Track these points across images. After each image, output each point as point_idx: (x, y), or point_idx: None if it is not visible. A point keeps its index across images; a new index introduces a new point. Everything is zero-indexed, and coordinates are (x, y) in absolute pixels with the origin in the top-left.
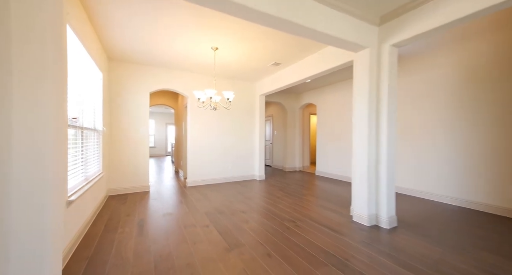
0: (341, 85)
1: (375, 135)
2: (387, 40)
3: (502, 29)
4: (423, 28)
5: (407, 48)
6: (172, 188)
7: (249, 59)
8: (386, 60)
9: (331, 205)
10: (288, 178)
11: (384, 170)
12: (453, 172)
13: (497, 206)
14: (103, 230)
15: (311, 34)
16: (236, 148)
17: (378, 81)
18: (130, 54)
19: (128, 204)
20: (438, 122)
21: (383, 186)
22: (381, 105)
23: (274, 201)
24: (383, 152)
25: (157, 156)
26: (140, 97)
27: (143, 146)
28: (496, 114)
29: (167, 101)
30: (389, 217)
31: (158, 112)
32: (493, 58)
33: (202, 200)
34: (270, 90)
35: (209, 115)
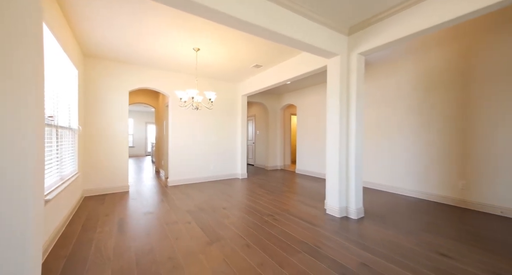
0: (319, 87)
1: (346, 135)
2: (355, 48)
3: (452, 42)
4: (386, 40)
5: (376, 55)
6: (153, 188)
7: (230, 61)
8: (354, 67)
9: (308, 200)
10: (270, 176)
11: (353, 167)
12: (412, 168)
13: (445, 196)
14: (80, 230)
15: (287, 41)
16: (218, 147)
17: (348, 85)
18: (109, 51)
19: (107, 204)
20: (400, 123)
21: (352, 181)
22: (350, 107)
23: (255, 198)
24: (352, 150)
25: (137, 156)
26: (119, 96)
27: (122, 145)
28: (447, 117)
29: (147, 99)
30: (357, 209)
31: (137, 110)
32: (444, 67)
33: (184, 198)
34: (252, 91)
35: (191, 115)
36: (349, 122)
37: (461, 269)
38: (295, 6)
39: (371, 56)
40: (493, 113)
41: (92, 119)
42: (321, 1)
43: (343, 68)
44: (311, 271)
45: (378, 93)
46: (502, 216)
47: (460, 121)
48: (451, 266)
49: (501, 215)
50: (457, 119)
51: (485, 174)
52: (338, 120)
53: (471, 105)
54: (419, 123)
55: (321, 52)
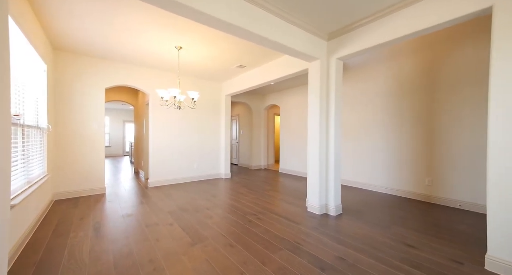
0: (301, 88)
1: (325, 135)
2: (334, 53)
3: (421, 51)
4: (362, 46)
5: (355, 60)
6: (132, 189)
7: (213, 60)
8: (333, 70)
9: (290, 198)
10: (253, 176)
11: (332, 166)
12: (387, 166)
13: (414, 192)
14: (51, 235)
15: (269, 44)
16: (201, 147)
17: (327, 88)
18: (83, 46)
19: (81, 207)
20: (374, 124)
21: (331, 180)
22: (329, 108)
23: (238, 197)
24: (331, 150)
25: (114, 156)
26: (94, 93)
27: (97, 144)
28: (416, 119)
29: (126, 97)
30: (336, 206)
31: (114, 108)
32: (415, 74)
33: (165, 199)
34: (235, 91)
35: (173, 114)
36: (328, 123)
37: (424, 258)
38: (276, 9)
39: (350, 61)
40: (454, 117)
41: (64, 117)
42: (300, 7)
43: (323, 72)
44: (291, 267)
45: (357, 95)
46: (460, 209)
47: (427, 124)
48: (416, 256)
49: (460, 208)
50: (424, 122)
51: (446, 172)
52: (318, 121)
53: (436, 109)
54: (393, 125)
55: (302, 56)
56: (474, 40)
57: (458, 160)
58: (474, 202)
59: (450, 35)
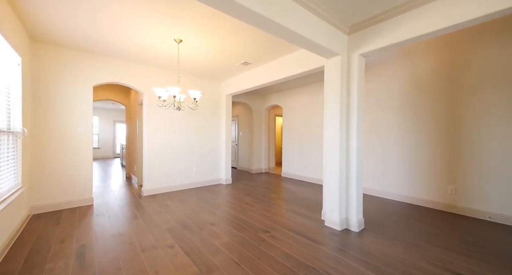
0: (308, 88)
1: (345, 140)
2: (356, 49)
3: (441, 48)
4: (389, 41)
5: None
6: (124, 198)
7: (216, 56)
8: (355, 68)
9: (301, 209)
10: (255, 181)
11: (353, 174)
12: (400, 172)
13: (435, 201)
14: (21, 268)
15: (287, 34)
16: (200, 150)
17: (348, 88)
18: (69, 37)
19: (63, 224)
20: (387, 126)
21: (353, 190)
22: (351, 111)
23: (244, 208)
24: (353, 156)
25: (103, 159)
26: (80, 91)
27: (84, 149)
28: (436, 122)
29: (116, 96)
30: (358, 220)
31: (104, 107)
32: (433, 73)
33: (162, 212)
34: (237, 90)
35: (169, 115)
36: (349, 126)
37: None
38: None
39: None
40: (479, 119)
41: (43, 119)
42: None
43: (343, 69)
44: None
45: (368, 95)
46: (491, 221)
47: (448, 126)
48: None
49: (489, 220)
50: (444, 124)
51: (472, 179)
52: (338, 125)
53: (459, 111)
54: (408, 127)
55: (321, 51)
56: (500, 39)
57: (485, 167)
58: (506, 214)
59: (474, 32)
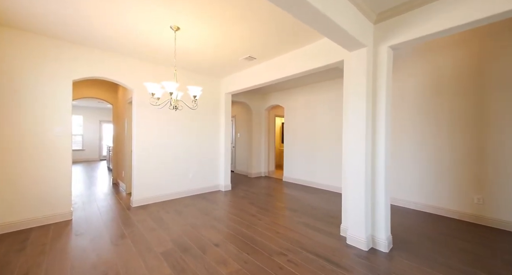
0: (312, 87)
1: (371, 145)
2: (384, 40)
3: (468, 43)
4: (422, 32)
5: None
6: (110, 211)
7: (218, 49)
8: (383, 62)
9: (314, 221)
10: (256, 187)
11: (381, 183)
12: (418, 178)
13: (458, 211)
14: None
15: (312, 15)
16: (197, 154)
17: (374, 85)
18: (42, 21)
19: (30, 249)
20: (404, 127)
21: (381, 202)
22: (377, 111)
23: (250, 222)
24: (380, 162)
25: (88, 162)
26: (56, 86)
27: (62, 153)
28: (458, 123)
29: (102, 93)
30: (387, 238)
31: (89, 106)
32: (456, 70)
33: (156, 228)
34: (239, 88)
35: (163, 114)
36: (376, 128)
37: None
38: None
39: None
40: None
41: (7, 119)
42: None
43: (369, 64)
44: None
45: None
46: None
47: (474, 129)
48: None
49: None
50: (470, 126)
51: (502, 188)
52: (364, 127)
53: (485, 111)
54: (427, 129)
55: (347, 40)
56: None
57: None
58: None
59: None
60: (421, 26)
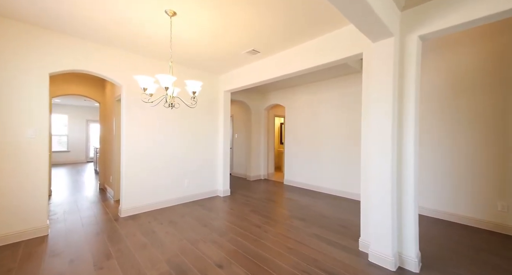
0: (316, 85)
1: (397, 148)
2: (413, 29)
3: (489, 37)
4: (462, 18)
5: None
6: (95, 223)
7: (218, 39)
8: (413, 54)
9: (327, 233)
10: (257, 191)
11: (410, 191)
12: (432, 183)
13: (480, 219)
14: None
15: None
16: (193, 156)
17: (402, 80)
18: (10, 1)
19: None
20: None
21: (409, 215)
22: (406, 110)
23: (255, 234)
24: (408, 168)
25: (74, 164)
26: (29, 81)
27: (37, 158)
28: (476, 122)
29: (88, 90)
30: (416, 255)
31: (74, 104)
32: (478, 66)
33: (147, 245)
34: (239, 86)
35: (155, 113)
36: (403, 128)
37: None
38: None
39: None
40: None
41: None
42: None
43: (396, 56)
44: None
45: None
46: None
47: (496, 130)
48: None
49: None
50: (491, 127)
51: None
52: (390, 127)
53: (509, 111)
54: (442, 129)
55: (376, 27)
56: None
57: None
58: None
59: None
60: (459, 11)
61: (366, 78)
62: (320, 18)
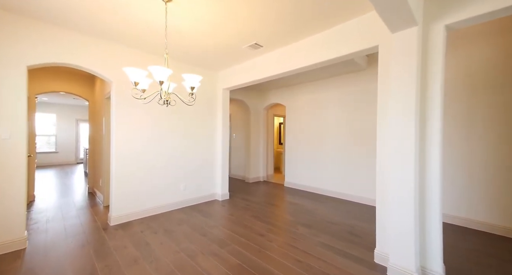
0: (319, 83)
1: (419, 150)
2: (439, 18)
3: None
4: (491, 6)
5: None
6: (81, 232)
7: (217, 32)
8: (438, 46)
9: (337, 242)
10: (257, 195)
11: (435, 198)
12: (452, 188)
13: (504, 226)
14: None
15: None
16: (190, 158)
17: (425, 75)
18: None
19: None
20: None
21: (434, 223)
22: (430, 108)
23: (260, 245)
24: (432, 172)
25: (62, 165)
26: (4, 73)
27: (13, 162)
28: (492, 124)
29: (77, 88)
30: (442, 269)
31: (63, 103)
32: (493, 63)
33: (139, 259)
34: (238, 83)
35: (148, 112)
36: (426, 129)
37: None
38: None
39: None
40: None
41: None
42: None
43: (419, 47)
44: None
45: None
46: None
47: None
48: None
49: None
50: (509, 128)
51: None
52: (413, 127)
53: None
54: (454, 131)
55: (400, 14)
56: None
57: None
58: None
59: None
60: None
61: (384, 73)
62: (330, 8)
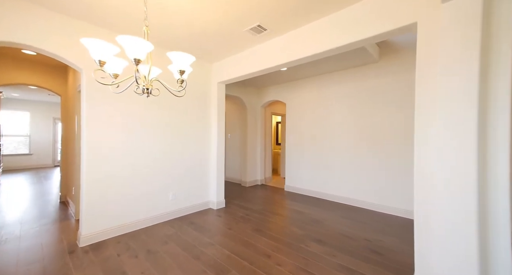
0: (322, 79)
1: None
2: None
3: None
4: None
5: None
6: (37, 260)
7: (212, 8)
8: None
9: (358, 263)
10: (256, 201)
11: (505, 212)
12: None
13: None
14: None
15: None
16: (179, 162)
17: (488, 56)
18: None
19: None
20: None
21: (501, 250)
22: (497, 101)
23: (267, 271)
24: (502, 174)
25: (37, 169)
26: None
27: None
28: None
29: (46, 81)
30: None
31: (38, 100)
32: None
33: None
34: (236, 76)
35: (127, 105)
36: (487, 130)
37: None
38: None
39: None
40: None
41: None
42: None
43: (479, 20)
44: None
45: (403, 88)
46: None
47: None
48: None
49: None
50: None
51: None
52: (476, 126)
53: None
54: None
55: None
56: None
57: None
58: None
59: None
60: None
61: (422, 58)
62: None
